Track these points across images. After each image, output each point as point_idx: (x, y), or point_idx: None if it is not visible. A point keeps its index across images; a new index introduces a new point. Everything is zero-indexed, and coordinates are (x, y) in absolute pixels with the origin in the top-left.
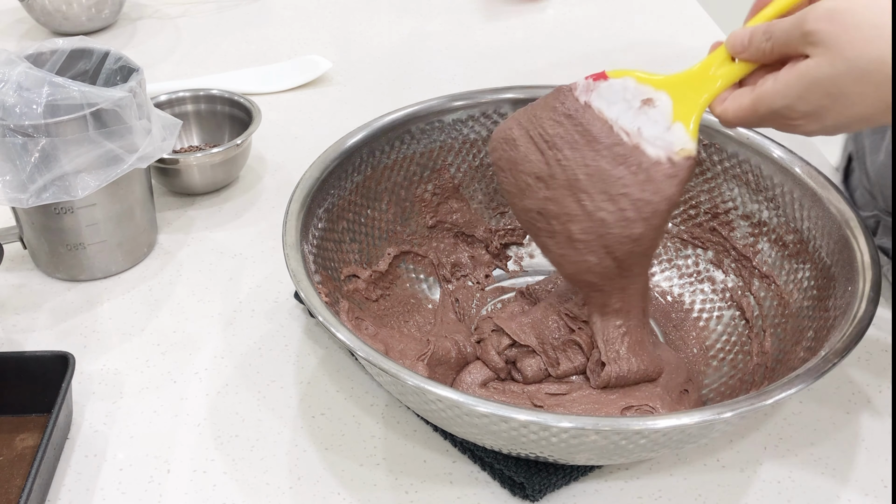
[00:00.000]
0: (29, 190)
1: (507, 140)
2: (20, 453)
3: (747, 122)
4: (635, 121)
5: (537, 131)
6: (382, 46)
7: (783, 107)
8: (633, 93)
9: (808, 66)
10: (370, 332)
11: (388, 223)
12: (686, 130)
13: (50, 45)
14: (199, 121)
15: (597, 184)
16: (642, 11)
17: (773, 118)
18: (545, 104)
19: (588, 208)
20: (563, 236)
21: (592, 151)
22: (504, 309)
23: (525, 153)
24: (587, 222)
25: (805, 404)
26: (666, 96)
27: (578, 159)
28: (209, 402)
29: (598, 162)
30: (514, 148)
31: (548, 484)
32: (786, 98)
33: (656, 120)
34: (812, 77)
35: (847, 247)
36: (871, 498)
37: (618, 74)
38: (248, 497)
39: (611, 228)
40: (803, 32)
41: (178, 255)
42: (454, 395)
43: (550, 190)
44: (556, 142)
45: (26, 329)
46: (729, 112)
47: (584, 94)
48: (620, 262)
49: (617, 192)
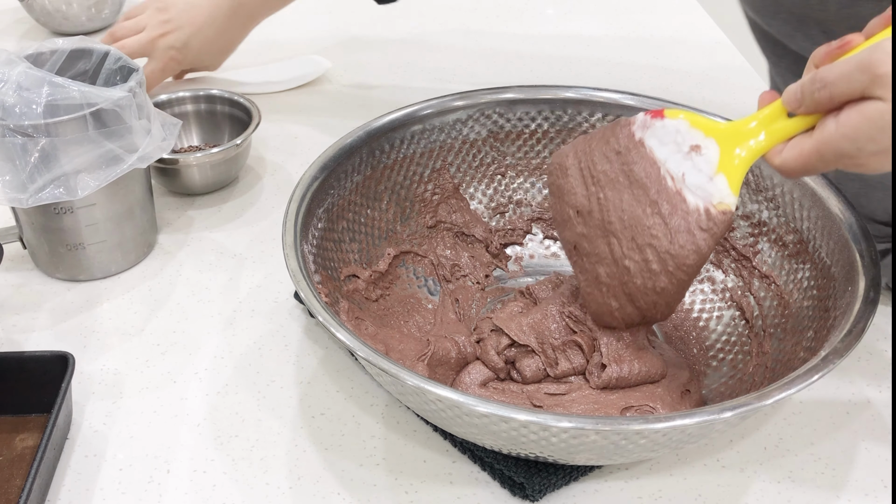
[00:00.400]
0: (29, 190)
1: (561, 167)
2: (20, 453)
3: (812, 170)
4: (682, 165)
5: (587, 164)
6: (382, 46)
7: (852, 150)
8: (685, 136)
9: (880, 109)
10: (370, 332)
11: (388, 223)
12: (728, 184)
13: (50, 45)
14: (199, 121)
15: (627, 230)
16: (643, 11)
17: (840, 160)
18: (602, 136)
19: (616, 254)
20: (592, 276)
21: (631, 195)
22: (503, 309)
23: (572, 185)
24: (613, 267)
25: (805, 404)
26: (714, 145)
27: (616, 202)
28: (209, 402)
29: (633, 208)
30: (564, 176)
31: (548, 484)
32: (855, 142)
33: (701, 168)
34: (886, 121)
35: (847, 247)
36: (871, 498)
37: (674, 115)
38: (248, 497)
39: (634, 278)
40: (874, 76)
41: (177, 255)
42: (454, 395)
43: (587, 227)
44: (601, 178)
45: (26, 329)
46: (790, 162)
47: (641, 130)
48: (643, 310)
49: (645, 241)
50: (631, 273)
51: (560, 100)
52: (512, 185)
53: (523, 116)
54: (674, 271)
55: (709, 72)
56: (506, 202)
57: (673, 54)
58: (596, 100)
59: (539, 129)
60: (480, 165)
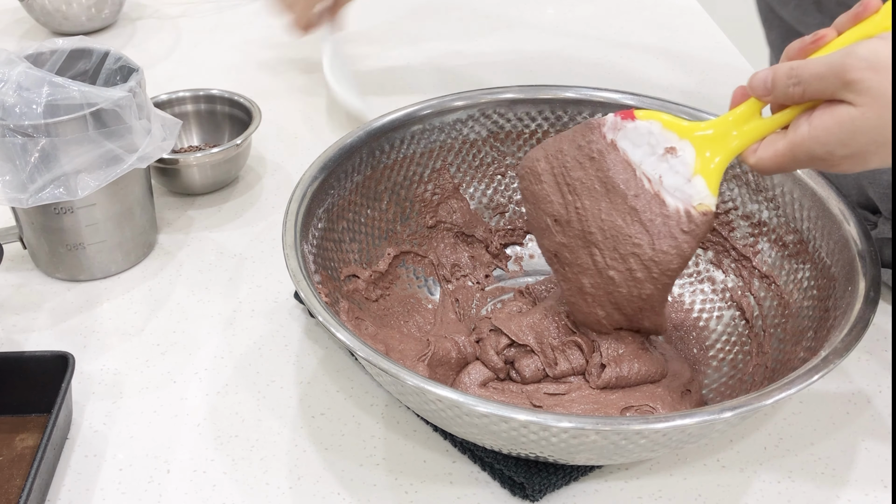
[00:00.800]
0: (29, 190)
1: (533, 172)
2: (20, 453)
3: (785, 169)
4: (657, 168)
5: (560, 170)
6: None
7: (824, 152)
8: (658, 138)
9: (851, 114)
10: (370, 332)
11: (388, 223)
12: (706, 185)
13: (50, 45)
14: (199, 121)
15: (609, 240)
16: (642, 10)
17: (812, 162)
18: (572, 139)
19: (599, 265)
20: (576, 286)
21: (609, 203)
22: (503, 309)
23: (547, 192)
24: (597, 278)
25: (805, 404)
26: (689, 146)
27: (595, 211)
28: (209, 402)
29: (612, 217)
30: (538, 182)
31: (548, 484)
32: (826, 145)
33: (678, 170)
34: (857, 126)
35: (847, 247)
36: (871, 498)
37: (646, 116)
38: (247, 497)
39: (619, 287)
40: (845, 81)
41: (177, 255)
42: (454, 395)
43: (566, 237)
44: (577, 187)
45: (26, 329)
46: (764, 161)
47: (612, 132)
48: (630, 316)
49: (627, 251)
50: (616, 283)
51: (560, 100)
52: (512, 185)
53: (523, 116)
54: (658, 277)
55: (709, 72)
56: (506, 202)
57: (673, 54)
58: (596, 100)
59: (539, 129)
60: (480, 165)
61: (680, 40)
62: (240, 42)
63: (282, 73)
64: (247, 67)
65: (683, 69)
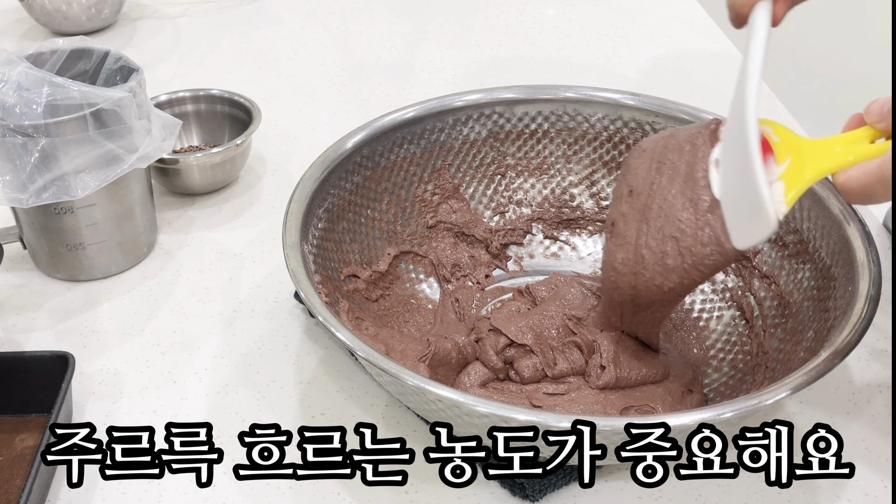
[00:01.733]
0: (29, 190)
1: (641, 147)
2: (20, 453)
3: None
4: None
5: (661, 150)
6: (382, 46)
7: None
8: None
9: None
10: (370, 332)
11: (388, 223)
12: (783, 192)
13: (50, 45)
14: (199, 121)
15: (660, 219)
16: (642, 10)
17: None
18: (693, 128)
19: (639, 241)
20: (610, 259)
21: (682, 186)
22: (502, 309)
23: (640, 164)
24: (630, 254)
25: (805, 404)
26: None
27: (665, 189)
28: (209, 402)
29: (676, 199)
30: (640, 156)
31: (548, 484)
32: None
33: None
34: None
35: (847, 247)
36: (871, 498)
37: (763, 122)
38: (248, 497)
39: (645, 270)
40: None
41: (177, 255)
42: (454, 395)
43: (630, 208)
44: (665, 165)
45: (26, 329)
46: (852, 179)
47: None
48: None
49: (669, 233)
50: (644, 263)
51: (560, 100)
52: (512, 185)
53: (523, 116)
54: (688, 269)
55: (709, 72)
56: (506, 202)
57: (673, 54)
58: (596, 100)
59: (539, 129)
60: (480, 165)
61: (680, 40)
62: (240, 42)
63: (282, 73)
64: (247, 67)
65: (684, 69)
